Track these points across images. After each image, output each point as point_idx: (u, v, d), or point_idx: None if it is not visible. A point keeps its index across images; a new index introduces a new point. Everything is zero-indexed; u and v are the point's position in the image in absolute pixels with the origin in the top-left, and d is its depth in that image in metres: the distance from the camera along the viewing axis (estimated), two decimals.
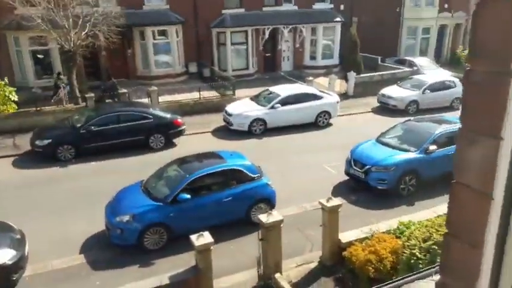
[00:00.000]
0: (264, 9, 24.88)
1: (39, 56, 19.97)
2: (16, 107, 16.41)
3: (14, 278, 7.77)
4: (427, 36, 29.08)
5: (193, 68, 23.77)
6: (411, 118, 14.15)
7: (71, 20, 16.80)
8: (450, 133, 11.78)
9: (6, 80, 16.32)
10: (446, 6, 29.03)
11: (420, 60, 25.14)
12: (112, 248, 8.99)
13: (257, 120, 16.32)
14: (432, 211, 8.70)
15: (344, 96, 20.72)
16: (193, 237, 6.88)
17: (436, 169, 11.23)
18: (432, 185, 11.23)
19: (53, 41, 17.94)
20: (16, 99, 16.34)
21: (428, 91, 19.36)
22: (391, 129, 13.06)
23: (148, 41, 22.00)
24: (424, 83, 19.74)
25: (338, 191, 11.59)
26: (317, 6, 26.34)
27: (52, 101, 17.45)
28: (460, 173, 1.54)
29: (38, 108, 16.59)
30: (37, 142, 13.61)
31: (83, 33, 17.10)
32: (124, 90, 18.35)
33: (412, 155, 11.43)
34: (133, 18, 20.80)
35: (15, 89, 16.58)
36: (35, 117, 16.19)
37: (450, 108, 19.26)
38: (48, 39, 18.25)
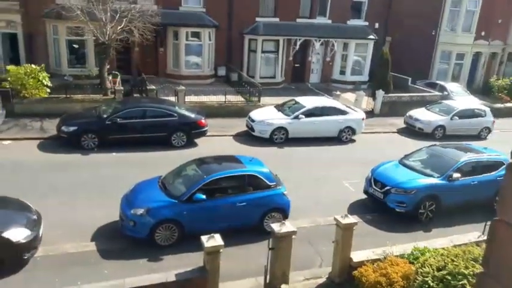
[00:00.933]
0: (298, 20, 24.95)
1: (74, 45, 20.53)
2: (48, 92, 16.88)
3: (26, 257, 7.93)
4: (461, 62, 28.51)
5: (221, 71, 23.98)
6: (437, 143, 13.87)
7: (108, 14, 17.23)
8: (475, 162, 11.48)
9: (42, 66, 16.85)
10: (483, 34, 28.44)
11: (451, 86, 24.65)
12: (123, 239, 9.07)
13: (279, 128, 16.29)
14: (449, 240, 8.45)
15: (370, 113, 20.49)
16: (204, 238, 6.86)
17: (458, 197, 10.93)
18: (452, 213, 10.94)
19: (89, 33, 18.41)
20: (49, 84, 16.83)
21: (457, 117, 18.94)
22: (415, 152, 12.81)
23: (180, 41, 22.34)
24: (453, 108, 19.34)
25: (354, 208, 11.41)
26: (352, 22, 26.26)
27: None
28: (504, 210, 1.41)
29: (68, 96, 17.04)
30: (63, 128, 13.94)
31: (119, 27, 17.49)
32: (153, 87, 18.64)
33: (434, 180, 11.15)
34: (169, 17, 21.18)
35: (49, 75, 17.07)
36: (64, 104, 16.66)
37: (477, 137, 18.75)
38: (84, 30, 18.75)
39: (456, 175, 11.13)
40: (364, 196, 11.91)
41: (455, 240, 8.37)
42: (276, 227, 7.47)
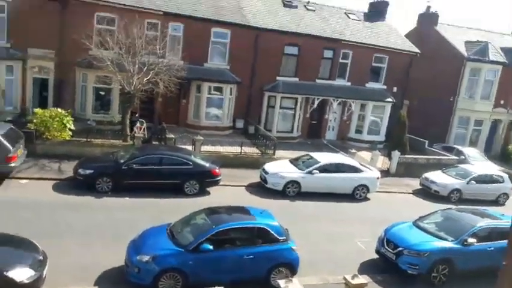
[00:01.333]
0: (317, 81, 25.70)
1: (101, 92, 21.51)
2: (71, 135, 17.50)
3: None
4: (479, 128, 28.55)
5: (239, 124, 24.53)
6: (453, 207, 13.58)
7: (137, 66, 18.16)
8: (492, 228, 11.15)
9: (69, 111, 17.65)
10: (502, 102, 28.66)
11: (469, 150, 24.49)
12: (127, 285, 8.91)
13: (292, 182, 16.26)
14: None
15: (385, 173, 20.34)
16: None
17: (473, 263, 10.54)
18: (466, 278, 10.48)
19: (116, 82, 19.30)
20: (72, 128, 17.48)
21: (474, 182, 18.63)
22: (430, 214, 12.55)
23: (203, 94, 23.17)
24: (470, 173, 19.09)
25: (365, 268, 11.05)
26: (370, 85, 26.88)
27: (133, 133, 18.69)
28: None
29: (89, 140, 17.59)
30: (80, 170, 14.25)
31: (145, 79, 18.32)
32: (172, 136, 19.11)
33: (449, 244, 10.81)
34: (194, 72, 22.15)
35: (73, 119, 17.78)
36: (84, 148, 17.11)
37: (495, 202, 18.27)
38: (112, 79, 19.69)
39: (471, 240, 10.79)
40: (376, 256, 11.55)
41: None
42: (282, 283, 7.31)
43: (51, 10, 19.74)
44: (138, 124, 19.28)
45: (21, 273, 7.75)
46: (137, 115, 19.78)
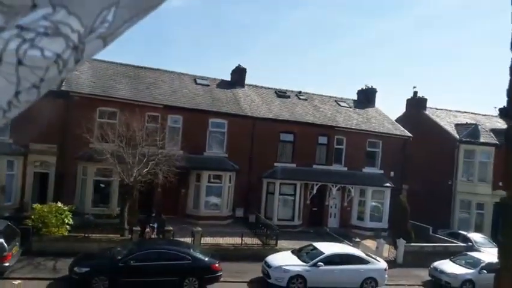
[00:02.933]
0: (314, 166, 25.98)
1: (101, 185, 21.47)
2: (68, 230, 17.06)
3: None
4: (482, 211, 28.17)
5: (239, 212, 24.19)
6: None
7: (137, 157, 18.39)
8: None
9: (71, 207, 17.45)
10: (500, 184, 28.64)
11: (475, 236, 23.86)
12: None
13: (297, 276, 15.51)
14: None
15: (392, 263, 19.50)
16: None
17: None
18: None
19: (116, 174, 19.37)
20: (71, 222, 17.12)
21: (485, 271, 17.79)
22: None
23: (202, 183, 23.21)
24: (480, 261, 18.34)
25: None
26: (367, 169, 27.14)
27: (145, 235, 18.22)
28: None
29: (86, 235, 17.12)
30: (75, 269, 13.65)
31: (145, 170, 18.44)
32: (170, 228, 18.70)
33: None
34: (193, 161, 22.43)
35: (72, 213, 17.49)
36: (82, 243, 16.60)
37: None
38: (112, 172, 19.79)
39: None
40: None
41: None
42: None
43: (55, 107, 20.35)
44: (149, 229, 18.75)
45: None
46: (153, 215, 19.44)
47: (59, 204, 17.25)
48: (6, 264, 13.25)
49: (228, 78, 28.95)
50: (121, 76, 24.73)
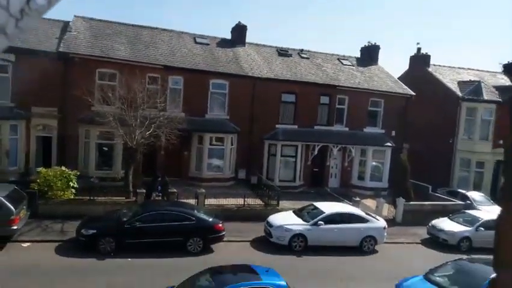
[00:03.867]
0: (316, 127, 25.96)
1: (104, 148, 21.60)
2: (74, 193, 17.37)
3: None
4: (481, 170, 28.39)
5: (242, 174, 24.48)
6: (464, 257, 13.22)
7: (138, 120, 18.38)
8: None
9: (76, 172, 17.69)
10: (500, 142, 28.69)
11: (473, 194, 24.23)
12: None
13: (298, 235, 15.94)
14: None
15: (391, 222, 19.98)
16: None
17: None
18: None
19: (119, 137, 19.45)
20: (76, 186, 17.40)
21: (482, 228, 18.24)
22: (441, 266, 12.21)
23: (204, 145, 23.33)
24: (478, 219, 18.74)
25: None
26: (368, 129, 27.12)
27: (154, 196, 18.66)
28: None
29: (92, 198, 17.45)
30: (82, 231, 14.03)
31: (148, 133, 18.49)
32: (174, 190, 19.02)
33: None
34: (195, 124, 22.46)
35: (77, 176, 17.73)
36: (88, 206, 16.95)
37: None
38: (115, 134, 19.85)
39: None
40: None
41: None
42: None
43: (54, 69, 20.21)
44: (155, 194, 19.05)
45: None
46: (159, 179, 19.73)
47: (63, 168, 17.46)
48: (15, 227, 13.58)
49: (229, 36, 28.31)
50: (119, 36, 24.20)
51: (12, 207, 13.43)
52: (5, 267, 12.07)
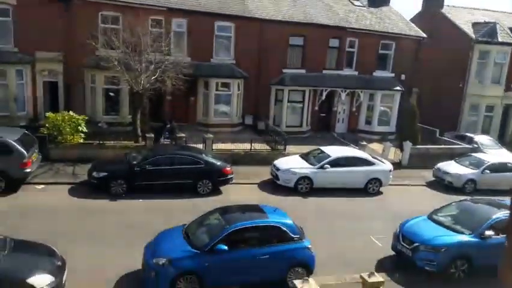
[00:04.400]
0: (324, 71, 25.48)
1: (110, 93, 21.57)
2: (83, 138, 17.61)
3: None
4: (490, 114, 28.09)
5: (248, 120, 24.46)
6: (468, 198, 13.43)
7: (143, 64, 18.15)
8: None
9: (84, 117, 17.82)
10: None
11: (481, 138, 24.15)
12: None
13: (304, 178, 16.21)
14: None
15: (397, 165, 20.18)
16: None
17: (492, 257, 10.36)
18: (486, 275, 10.36)
19: (125, 82, 19.34)
20: (85, 130, 17.60)
21: (488, 171, 18.38)
22: (445, 207, 12.43)
23: (211, 91, 23.12)
24: (484, 162, 18.83)
25: (382, 265, 11.01)
26: (378, 73, 26.59)
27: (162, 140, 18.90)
28: None
29: (101, 142, 17.69)
30: (94, 174, 14.37)
31: (153, 77, 18.33)
32: (182, 135, 19.16)
33: (466, 238, 10.69)
34: (200, 69, 22.12)
35: (85, 121, 17.87)
36: (97, 150, 17.25)
37: None
38: (120, 79, 19.74)
39: (489, 233, 10.64)
40: (392, 252, 11.48)
41: None
42: (298, 283, 7.29)
43: (56, 11, 19.74)
44: (163, 138, 19.18)
45: (41, 280, 7.81)
46: (168, 126, 19.76)
47: (71, 113, 17.57)
48: (28, 170, 13.91)
49: None
50: None
51: (24, 151, 13.68)
52: (21, 207, 12.59)
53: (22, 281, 7.68)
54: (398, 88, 26.23)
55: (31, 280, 7.74)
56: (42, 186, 14.57)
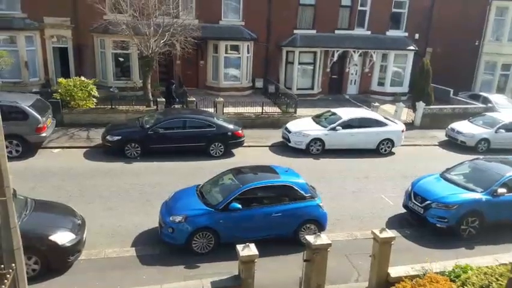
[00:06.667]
0: (336, 31, 24.90)
1: (120, 58, 21.49)
2: (95, 103, 17.76)
3: (70, 260, 8.30)
4: (507, 72, 27.35)
5: (259, 83, 24.27)
6: (481, 157, 13.34)
7: (152, 28, 17.93)
8: None
9: (95, 80, 17.97)
10: None
11: (496, 97, 23.64)
12: (162, 246, 9.33)
13: (316, 140, 16.23)
14: (494, 258, 8.08)
15: (410, 126, 20.02)
16: (239, 247, 6.96)
17: (502, 214, 10.46)
18: (496, 230, 10.48)
19: (134, 46, 19.21)
20: (97, 95, 17.72)
21: (502, 130, 18.13)
22: (458, 165, 12.38)
23: (220, 54, 22.87)
24: (498, 121, 18.54)
25: (392, 223, 11.16)
26: (391, 33, 25.89)
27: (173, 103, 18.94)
28: None
29: (113, 107, 17.83)
30: (108, 137, 14.58)
31: (162, 41, 18.14)
32: (193, 98, 19.17)
33: (478, 195, 10.71)
34: (209, 31, 21.80)
35: (96, 86, 17.97)
36: (110, 114, 17.42)
37: None
38: (129, 44, 19.60)
39: (501, 190, 10.65)
40: (403, 210, 11.62)
41: (500, 258, 8.00)
42: (311, 239, 7.44)
43: None
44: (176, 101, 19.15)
45: (62, 237, 8.17)
46: (173, 86, 19.69)
47: (83, 78, 17.63)
48: (44, 134, 14.16)
49: None
50: None
51: (38, 116, 13.88)
52: (39, 169, 12.93)
53: (46, 237, 8.03)
54: (411, 48, 25.59)
55: (53, 237, 8.09)
56: (58, 150, 14.88)
